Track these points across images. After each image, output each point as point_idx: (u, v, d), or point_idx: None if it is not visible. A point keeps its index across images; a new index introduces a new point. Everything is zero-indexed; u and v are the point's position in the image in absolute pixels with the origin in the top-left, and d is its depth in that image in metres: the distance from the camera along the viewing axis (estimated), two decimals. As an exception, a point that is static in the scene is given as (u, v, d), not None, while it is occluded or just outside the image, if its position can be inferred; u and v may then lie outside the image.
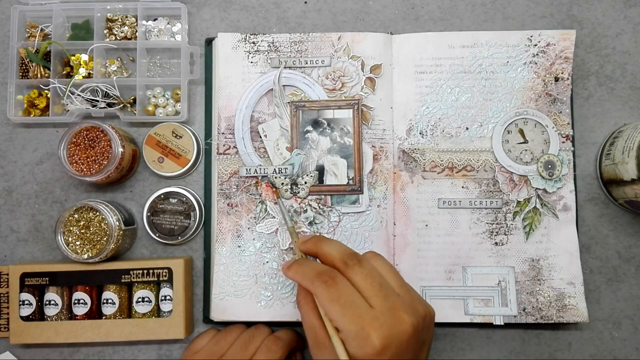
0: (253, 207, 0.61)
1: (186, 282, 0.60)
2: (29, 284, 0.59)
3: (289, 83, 0.62)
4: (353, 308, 0.44)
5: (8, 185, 0.64)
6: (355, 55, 0.62)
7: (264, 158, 0.61)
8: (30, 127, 0.65)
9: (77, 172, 0.58)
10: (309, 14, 0.65)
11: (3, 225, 0.64)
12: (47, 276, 0.59)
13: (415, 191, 0.61)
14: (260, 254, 0.60)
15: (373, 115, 0.61)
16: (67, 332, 0.59)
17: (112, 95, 0.63)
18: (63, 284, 0.59)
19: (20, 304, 0.59)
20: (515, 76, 0.61)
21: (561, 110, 0.61)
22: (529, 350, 0.61)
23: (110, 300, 0.59)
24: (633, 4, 0.64)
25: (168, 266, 0.59)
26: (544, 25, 0.64)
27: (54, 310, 0.59)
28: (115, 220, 0.58)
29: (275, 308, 0.60)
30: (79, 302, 0.59)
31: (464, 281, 0.60)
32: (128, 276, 0.59)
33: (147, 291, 0.59)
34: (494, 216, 0.60)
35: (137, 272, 0.59)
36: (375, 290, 0.45)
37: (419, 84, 0.62)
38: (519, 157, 0.61)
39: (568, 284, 0.59)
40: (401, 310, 0.44)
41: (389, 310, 0.44)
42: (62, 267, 0.59)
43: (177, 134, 0.62)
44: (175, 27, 0.64)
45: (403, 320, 0.44)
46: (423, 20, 0.65)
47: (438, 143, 0.61)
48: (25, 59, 0.63)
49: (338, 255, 0.48)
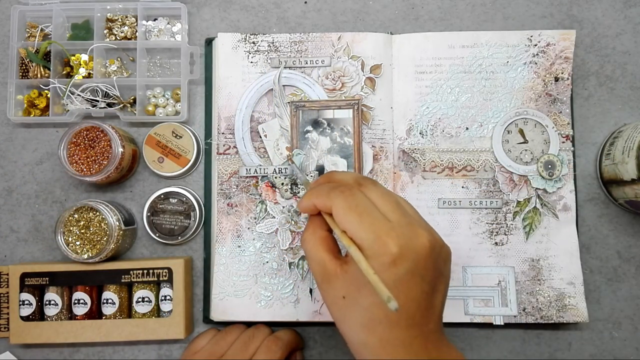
0: (253, 207, 0.61)
1: (186, 282, 0.60)
2: (29, 284, 0.59)
3: (289, 83, 0.62)
4: (371, 217, 0.42)
5: (8, 185, 0.64)
6: (355, 55, 0.62)
7: (264, 158, 0.61)
8: (30, 127, 0.65)
9: (77, 172, 0.58)
10: (309, 14, 0.65)
11: (3, 225, 0.64)
12: (47, 276, 0.59)
13: (415, 191, 0.61)
14: (260, 254, 0.60)
15: (373, 115, 0.61)
16: (67, 332, 0.58)
17: (112, 95, 0.63)
18: (63, 284, 0.59)
19: (20, 304, 0.59)
20: (515, 76, 0.61)
21: (561, 110, 0.61)
22: (529, 350, 0.61)
23: (110, 300, 0.59)
24: (633, 4, 0.64)
25: (168, 266, 0.59)
26: (544, 25, 0.64)
27: (54, 310, 0.59)
28: (115, 220, 0.58)
29: (275, 308, 0.60)
30: (79, 302, 0.59)
31: (463, 281, 0.60)
32: (128, 276, 0.59)
33: (147, 291, 0.59)
34: (494, 216, 0.60)
35: (137, 272, 0.59)
36: (392, 206, 0.43)
37: (419, 84, 0.62)
38: (519, 157, 0.61)
39: (568, 284, 0.59)
40: (418, 226, 0.43)
41: (406, 225, 0.42)
42: (62, 267, 0.59)
43: (177, 134, 0.62)
44: (175, 27, 0.64)
45: (421, 235, 0.42)
46: (423, 20, 0.65)
47: (438, 143, 0.61)
48: (25, 59, 0.63)
49: (352, 179, 0.46)
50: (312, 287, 0.60)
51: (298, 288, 0.60)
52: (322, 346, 0.62)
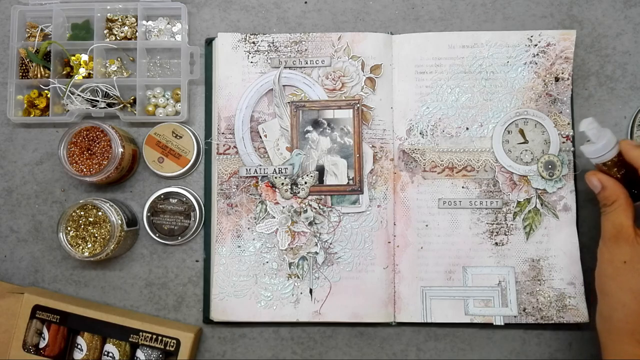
0: (253, 207, 0.61)
1: (192, 353, 0.59)
2: (40, 317, 0.59)
3: (289, 83, 0.62)
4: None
5: (8, 185, 0.64)
6: (356, 55, 0.62)
7: (264, 158, 0.61)
8: (30, 127, 0.65)
9: (77, 172, 0.58)
10: (309, 14, 0.65)
11: (3, 225, 0.64)
12: (58, 314, 0.59)
13: (415, 191, 0.61)
14: (260, 254, 0.60)
15: (373, 115, 0.61)
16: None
17: (112, 95, 0.63)
18: (71, 326, 0.59)
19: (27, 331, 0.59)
20: (516, 76, 0.61)
21: (561, 110, 0.61)
22: (529, 350, 0.61)
23: (110, 354, 0.58)
24: (633, 4, 0.64)
25: (177, 337, 0.58)
26: (544, 25, 0.64)
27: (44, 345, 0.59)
28: (117, 220, 0.58)
29: (275, 308, 0.60)
30: (77, 346, 0.59)
31: (464, 281, 0.60)
32: (137, 336, 0.58)
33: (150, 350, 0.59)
34: (494, 216, 0.60)
35: (145, 335, 0.58)
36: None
37: (419, 84, 0.62)
38: (519, 157, 0.61)
39: (568, 284, 0.59)
40: None
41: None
42: (75, 309, 0.59)
43: (177, 134, 0.62)
44: (175, 27, 0.64)
45: None
46: (423, 21, 0.65)
47: (438, 143, 0.61)
48: (25, 59, 0.63)
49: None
50: (312, 287, 0.60)
51: (298, 288, 0.60)
52: (322, 346, 0.62)
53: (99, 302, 0.63)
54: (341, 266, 0.60)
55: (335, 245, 0.60)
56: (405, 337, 0.62)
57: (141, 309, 0.63)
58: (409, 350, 0.62)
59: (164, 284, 0.63)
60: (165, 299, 0.63)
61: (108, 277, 0.63)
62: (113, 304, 0.63)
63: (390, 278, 0.60)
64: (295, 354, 0.62)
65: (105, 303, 0.63)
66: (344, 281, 0.60)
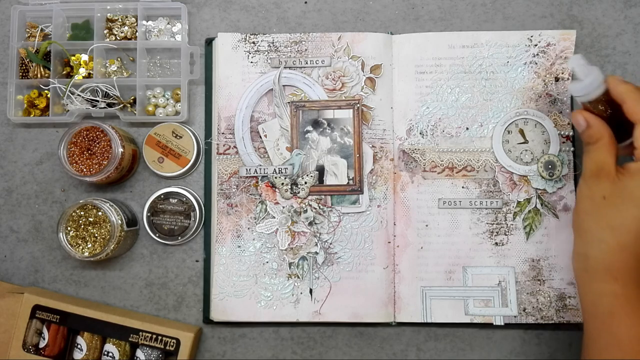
0: (253, 207, 0.61)
1: (192, 353, 0.59)
2: (40, 317, 0.59)
3: (289, 83, 0.62)
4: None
5: (8, 185, 0.64)
6: (356, 55, 0.62)
7: (264, 158, 0.61)
8: (30, 127, 0.65)
9: (77, 172, 0.58)
10: (309, 14, 0.65)
11: (3, 225, 0.64)
12: (58, 314, 0.59)
13: (415, 191, 0.61)
14: (260, 254, 0.60)
15: (373, 115, 0.61)
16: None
17: (112, 95, 0.63)
18: (71, 326, 0.59)
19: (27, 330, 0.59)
20: (516, 76, 0.61)
21: (561, 110, 0.61)
22: (529, 350, 0.61)
23: (110, 354, 0.58)
24: (633, 4, 0.64)
25: (177, 337, 0.58)
26: (544, 25, 0.64)
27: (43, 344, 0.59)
28: (117, 220, 0.58)
29: (275, 308, 0.60)
30: (77, 346, 0.59)
31: (464, 281, 0.60)
32: (136, 336, 0.58)
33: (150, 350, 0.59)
34: (494, 216, 0.60)
35: (145, 335, 0.58)
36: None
37: (419, 84, 0.62)
38: (519, 157, 0.61)
39: (568, 284, 0.59)
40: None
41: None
42: (75, 309, 0.59)
43: (177, 134, 0.62)
44: (175, 27, 0.64)
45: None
46: (423, 20, 0.65)
47: (438, 143, 0.61)
48: (25, 59, 0.63)
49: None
50: (312, 287, 0.60)
51: (298, 288, 0.60)
52: (322, 346, 0.62)
53: (99, 302, 0.63)
54: (341, 266, 0.60)
55: (335, 245, 0.60)
56: (405, 337, 0.62)
57: (141, 309, 0.63)
58: (409, 350, 0.62)
59: (164, 284, 0.63)
60: (165, 299, 0.63)
61: (108, 277, 0.63)
62: (113, 304, 0.63)
63: (390, 278, 0.60)
64: (295, 354, 0.62)
65: (105, 303, 0.63)
66: (344, 281, 0.60)
